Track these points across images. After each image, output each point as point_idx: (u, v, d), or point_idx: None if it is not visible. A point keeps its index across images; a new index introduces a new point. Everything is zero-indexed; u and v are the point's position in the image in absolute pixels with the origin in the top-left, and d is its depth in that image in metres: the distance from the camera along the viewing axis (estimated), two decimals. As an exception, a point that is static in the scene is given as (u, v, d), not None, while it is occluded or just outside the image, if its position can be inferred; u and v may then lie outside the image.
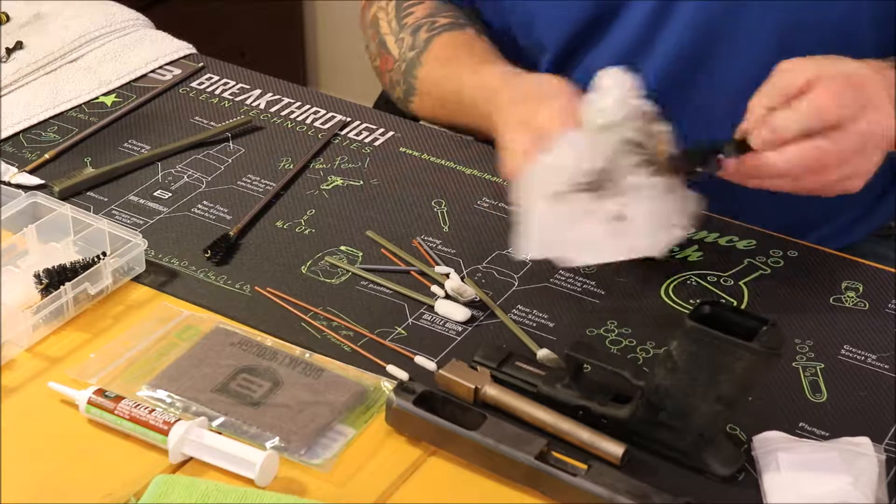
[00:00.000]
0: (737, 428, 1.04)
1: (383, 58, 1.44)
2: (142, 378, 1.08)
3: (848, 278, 1.20)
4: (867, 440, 1.01)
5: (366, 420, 1.05)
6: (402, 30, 1.42)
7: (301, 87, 1.47)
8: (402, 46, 1.41)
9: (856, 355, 1.12)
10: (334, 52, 3.13)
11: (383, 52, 1.44)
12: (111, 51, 1.51)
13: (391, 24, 1.44)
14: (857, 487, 0.97)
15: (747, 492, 0.99)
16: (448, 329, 1.14)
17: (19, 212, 1.21)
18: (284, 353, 1.10)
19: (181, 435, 1.00)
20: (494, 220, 1.27)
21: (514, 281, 1.19)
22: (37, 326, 1.12)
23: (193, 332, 1.12)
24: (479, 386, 1.05)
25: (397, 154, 1.37)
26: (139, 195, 1.30)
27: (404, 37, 1.41)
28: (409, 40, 1.41)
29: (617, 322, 1.15)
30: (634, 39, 1.33)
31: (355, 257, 1.22)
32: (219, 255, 1.21)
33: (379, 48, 1.45)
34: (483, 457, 1.00)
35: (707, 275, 1.20)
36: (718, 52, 1.31)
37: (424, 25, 1.41)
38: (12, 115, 1.40)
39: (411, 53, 1.40)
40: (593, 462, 0.98)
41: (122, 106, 1.43)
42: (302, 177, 1.33)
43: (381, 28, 1.45)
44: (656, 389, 1.00)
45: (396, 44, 1.42)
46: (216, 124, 1.40)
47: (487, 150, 1.37)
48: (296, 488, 0.99)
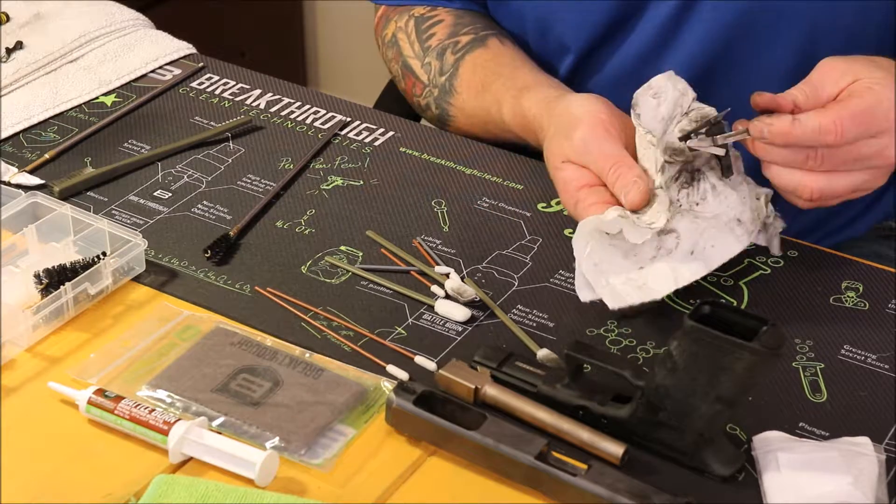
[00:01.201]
0: (737, 428, 1.04)
1: (409, 80, 1.44)
2: (142, 378, 1.08)
3: (848, 278, 1.20)
4: (867, 440, 1.01)
5: (366, 420, 1.05)
6: (427, 53, 1.42)
7: (301, 87, 1.47)
8: (430, 71, 1.41)
9: (856, 355, 1.12)
10: (334, 52, 3.13)
11: (409, 75, 1.44)
12: (111, 51, 1.51)
13: (414, 48, 1.43)
14: (857, 487, 0.97)
15: (747, 492, 0.99)
16: (448, 329, 1.14)
17: (19, 212, 1.21)
18: (284, 353, 1.10)
19: (181, 435, 1.00)
20: (494, 220, 1.27)
21: (514, 281, 1.20)
22: (37, 326, 1.12)
23: (193, 332, 1.13)
24: (479, 386, 1.05)
25: (397, 154, 1.37)
26: (139, 195, 1.30)
27: (430, 61, 1.41)
28: (436, 65, 1.40)
29: (617, 322, 1.15)
30: (656, 39, 1.32)
31: (355, 257, 1.22)
32: (219, 255, 1.21)
33: (404, 71, 1.45)
34: (483, 457, 1.00)
35: (707, 275, 1.20)
36: (739, 53, 1.31)
37: (449, 48, 1.40)
38: (12, 115, 1.40)
39: (442, 79, 1.40)
40: (593, 462, 0.98)
41: (122, 106, 1.43)
42: (302, 177, 1.33)
43: (403, 50, 1.44)
44: (656, 389, 1.00)
45: (423, 69, 1.42)
46: (216, 124, 1.40)
47: (488, 150, 1.37)
48: (296, 488, 0.99)
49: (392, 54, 1.46)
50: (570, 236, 1.24)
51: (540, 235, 1.25)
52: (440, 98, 1.41)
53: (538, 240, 1.24)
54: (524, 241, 1.24)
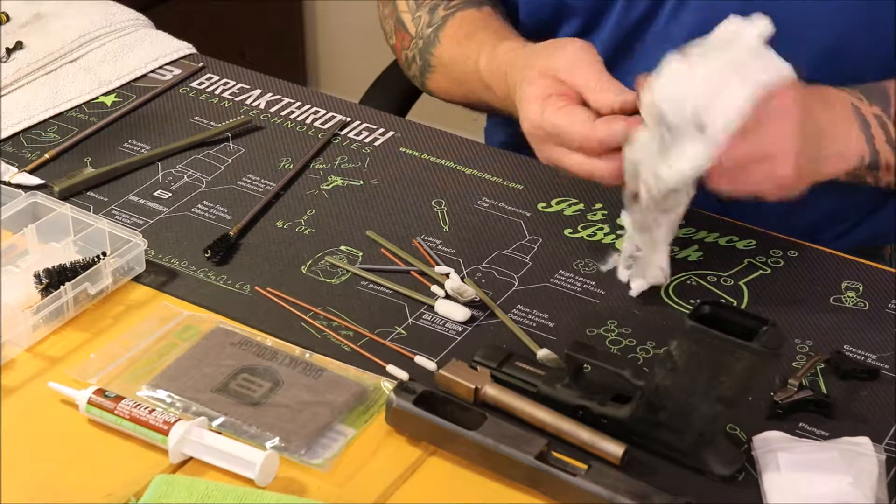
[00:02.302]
0: (737, 428, 1.04)
1: (399, 34, 1.44)
2: (142, 378, 1.08)
3: (848, 278, 1.20)
4: (867, 440, 1.01)
5: (366, 420, 1.05)
6: (420, 7, 1.42)
7: (301, 87, 1.47)
8: (419, 24, 1.41)
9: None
10: (334, 52, 3.13)
11: (400, 29, 1.44)
12: (111, 51, 1.51)
13: (408, 2, 1.43)
14: (857, 487, 0.97)
15: (747, 492, 0.99)
16: (448, 329, 1.14)
17: (19, 212, 1.21)
18: (284, 353, 1.10)
19: (181, 435, 1.00)
20: (494, 220, 1.27)
21: (514, 281, 1.20)
22: (37, 326, 1.12)
23: (193, 332, 1.13)
24: (479, 386, 1.05)
25: (397, 154, 1.36)
26: (139, 195, 1.30)
27: (421, 14, 1.41)
28: (426, 18, 1.40)
29: (617, 322, 1.15)
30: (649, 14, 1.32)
31: (355, 257, 1.22)
32: (219, 255, 1.21)
33: (396, 25, 1.45)
34: (483, 457, 1.00)
35: (707, 275, 1.20)
36: None
37: (442, 3, 1.41)
38: (12, 115, 1.40)
39: (428, 31, 1.40)
40: (593, 462, 0.98)
41: (122, 106, 1.43)
42: (302, 177, 1.33)
43: (398, 6, 1.45)
44: (656, 389, 1.00)
45: (413, 21, 1.42)
46: (216, 124, 1.40)
47: (487, 150, 1.37)
48: (296, 488, 0.99)
49: (388, 11, 1.47)
50: (570, 236, 1.25)
51: (540, 235, 1.25)
52: (424, 49, 1.40)
53: (538, 240, 1.24)
54: (524, 241, 1.24)
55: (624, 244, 1.18)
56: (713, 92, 1.06)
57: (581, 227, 1.26)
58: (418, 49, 1.41)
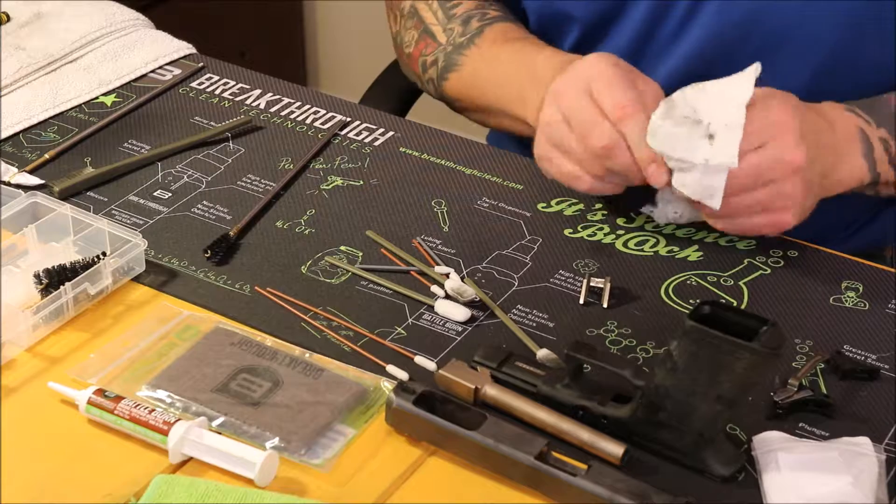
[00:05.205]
0: (737, 428, 1.04)
1: (423, 43, 1.44)
2: (142, 378, 1.08)
3: (848, 278, 1.20)
4: (867, 440, 1.02)
5: (366, 420, 1.05)
6: (451, 20, 1.42)
7: (301, 87, 1.47)
8: (451, 34, 1.42)
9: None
10: (334, 52, 3.13)
11: (426, 37, 1.44)
12: (111, 51, 1.51)
13: (437, 15, 1.43)
14: (857, 487, 0.97)
15: (747, 492, 0.99)
16: (448, 329, 1.14)
17: (19, 212, 1.21)
18: (284, 353, 1.10)
19: (181, 435, 1.00)
20: (494, 220, 1.27)
21: (514, 281, 1.20)
22: (37, 326, 1.12)
23: (193, 332, 1.13)
24: (479, 386, 1.05)
25: (397, 154, 1.37)
26: (139, 195, 1.30)
27: (454, 27, 1.42)
28: (459, 29, 1.41)
29: (617, 322, 1.15)
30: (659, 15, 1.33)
31: (355, 257, 1.22)
32: (219, 255, 1.21)
33: (421, 35, 1.45)
34: (483, 457, 1.00)
35: (707, 275, 1.20)
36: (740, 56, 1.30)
37: (476, 16, 1.41)
38: (12, 115, 1.40)
39: (462, 39, 1.41)
40: (593, 462, 0.98)
41: (122, 106, 1.43)
42: (302, 177, 1.33)
43: (425, 19, 1.44)
44: (656, 389, 1.00)
45: (445, 33, 1.42)
46: (216, 124, 1.40)
47: (487, 150, 1.37)
48: (296, 488, 0.99)
49: (412, 23, 1.46)
50: (570, 236, 1.25)
51: (540, 235, 1.25)
52: (453, 52, 1.41)
53: (538, 240, 1.25)
54: (524, 241, 1.24)
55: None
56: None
57: (581, 227, 1.26)
58: (445, 53, 1.41)
